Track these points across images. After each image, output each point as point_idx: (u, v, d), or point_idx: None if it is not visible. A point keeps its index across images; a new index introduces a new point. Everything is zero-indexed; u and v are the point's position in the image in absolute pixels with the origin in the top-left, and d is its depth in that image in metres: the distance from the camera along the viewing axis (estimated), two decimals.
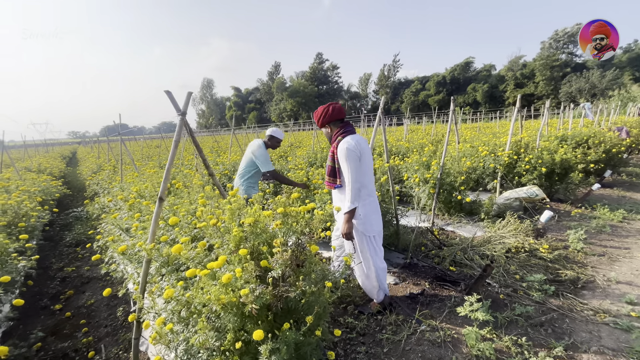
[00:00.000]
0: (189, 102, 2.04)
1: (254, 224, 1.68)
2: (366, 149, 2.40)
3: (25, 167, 8.13)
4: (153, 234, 1.95)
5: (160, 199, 1.97)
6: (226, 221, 1.73)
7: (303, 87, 60.00)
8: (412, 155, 6.01)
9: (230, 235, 1.63)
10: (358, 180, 2.30)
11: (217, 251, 1.64)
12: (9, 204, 3.42)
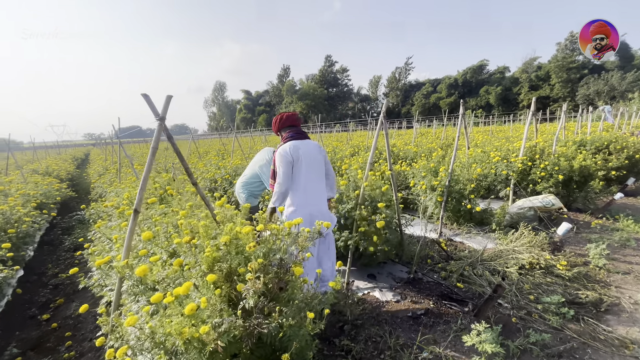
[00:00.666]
0: (168, 106, 1.88)
1: (230, 242, 1.50)
2: (306, 156, 2.44)
3: (33, 169, 8.22)
4: (127, 250, 1.80)
5: (135, 211, 1.81)
6: (201, 238, 1.56)
7: (313, 89, 60.06)
8: (420, 160, 5.76)
9: (203, 255, 1.45)
10: (284, 184, 2.40)
11: (188, 273, 1.47)
12: (1, 209, 3.35)
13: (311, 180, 2.47)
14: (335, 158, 6.93)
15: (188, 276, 1.45)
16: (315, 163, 2.50)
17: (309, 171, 2.46)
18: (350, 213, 3.02)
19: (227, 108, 75.41)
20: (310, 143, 2.53)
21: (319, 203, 2.51)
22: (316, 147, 2.56)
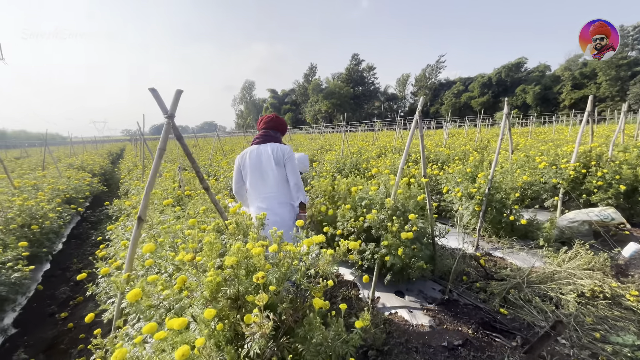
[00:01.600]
0: (177, 102, 1.68)
1: (238, 264, 1.25)
2: (252, 161, 2.54)
3: (69, 163, 8.60)
4: (130, 262, 1.62)
5: (139, 219, 1.63)
6: (204, 257, 1.33)
7: (338, 88, 59.59)
8: (453, 164, 5.29)
9: (205, 279, 1.22)
10: (234, 188, 2.68)
11: (187, 299, 1.24)
12: (26, 205, 3.38)
13: (255, 182, 2.58)
14: (360, 159, 6.59)
15: (188, 302, 1.23)
16: (260, 166, 2.55)
17: (253, 174, 2.57)
18: (383, 224, 2.71)
19: (254, 106, 76.81)
20: (263, 148, 2.58)
21: (267, 204, 2.55)
22: (267, 151, 2.56)
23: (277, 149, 2.55)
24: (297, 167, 2.61)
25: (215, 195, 2.99)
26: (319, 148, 10.71)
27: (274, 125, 2.67)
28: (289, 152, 2.56)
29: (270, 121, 2.67)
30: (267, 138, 2.62)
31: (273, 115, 2.72)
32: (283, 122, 2.74)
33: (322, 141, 12.65)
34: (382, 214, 2.69)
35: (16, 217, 3.02)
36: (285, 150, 2.56)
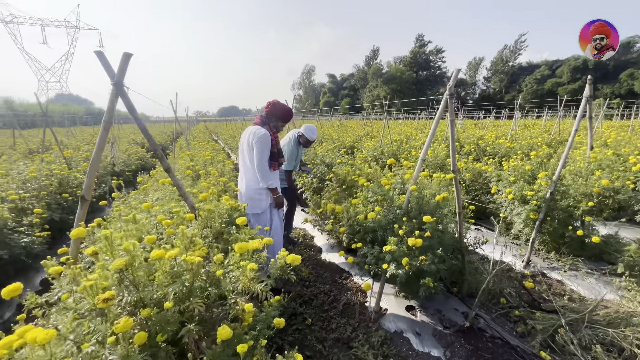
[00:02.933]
0: (126, 66, 1.45)
1: (129, 270, 0.98)
2: (241, 141, 2.83)
3: (132, 139, 9.51)
4: (75, 251, 1.47)
5: (82, 198, 1.47)
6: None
7: (400, 73, 56.32)
8: (512, 159, 4.38)
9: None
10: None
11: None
12: (62, 174, 3.66)
13: (239, 159, 2.88)
14: (401, 149, 5.94)
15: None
16: (242, 146, 2.79)
17: (239, 152, 2.85)
18: (390, 225, 2.25)
19: (312, 91, 77.29)
20: (249, 129, 2.76)
21: (241, 185, 2.85)
22: (246, 134, 2.75)
23: (253, 132, 2.66)
24: (261, 153, 2.61)
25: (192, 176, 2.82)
26: (364, 134, 10.12)
27: (270, 111, 2.76)
28: (257, 137, 2.60)
29: (268, 106, 2.77)
30: (258, 121, 2.77)
31: (274, 101, 2.81)
32: (282, 108, 2.78)
33: (369, 128, 11.95)
34: (391, 213, 2.22)
35: (49, 186, 3.28)
36: (256, 134, 2.62)
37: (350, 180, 3.14)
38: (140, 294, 0.97)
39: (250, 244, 1.12)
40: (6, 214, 2.39)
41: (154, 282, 1.00)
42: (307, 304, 2.77)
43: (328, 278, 3.22)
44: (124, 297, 0.97)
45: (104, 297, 0.77)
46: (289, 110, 2.79)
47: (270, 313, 1.29)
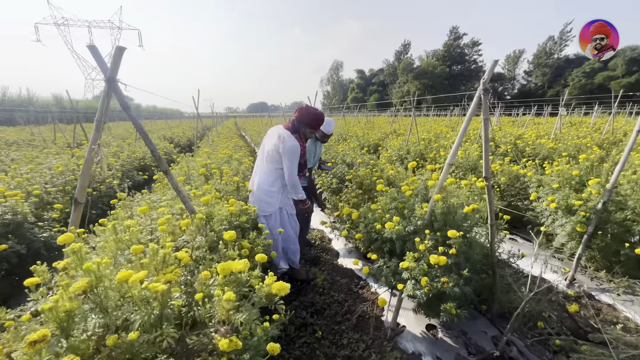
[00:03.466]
0: (119, 61, 1.35)
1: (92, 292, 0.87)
2: (265, 139, 2.79)
3: (163, 134, 9.85)
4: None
5: (75, 201, 1.40)
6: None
7: (432, 67, 54.12)
8: (557, 163, 3.90)
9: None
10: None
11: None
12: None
13: (259, 160, 2.81)
14: (429, 148, 5.57)
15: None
16: (265, 146, 2.75)
17: (261, 152, 2.79)
18: (409, 237, 2.02)
19: (340, 87, 76.64)
20: (279, 130, 2.66)
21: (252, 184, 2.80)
22: (273, 135, 2.68)
23: (282, 139, 2.57)
24: (292, 165, 2.58)
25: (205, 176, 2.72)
26: (391, 132, 9.74)
27: (299, 116, 2.67)
28: (287, 147, 2.53)
29: (298, 111, 2.70)
30: (289, 125, 2.68)
31: (304, 105, 2.73)
32: (312, 114, 2.67)
33: (397, 125, 11.49)
34: (412, 224, 1.99)
35: (73, 180, 3.38)
36: (286, 143, 2.54)
37: (368, 182, 2.92)
38: (105, 319, 0.86)
39: (235, 265, 0.97)
40: (26, 209, 2.46)
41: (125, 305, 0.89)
42: (319, 313, 2.61)
43: (344, 286, 3.04)
44: (90, 321, 0.86)
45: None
46: (319, 116, 2.67)
47: (262, 338, 1.14)
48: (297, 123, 2.67)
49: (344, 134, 9.09)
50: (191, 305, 0.96)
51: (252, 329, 0.95)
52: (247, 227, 2.19)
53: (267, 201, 2.66)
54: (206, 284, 1.01)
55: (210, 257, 1.25)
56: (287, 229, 2.81)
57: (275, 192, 2.68)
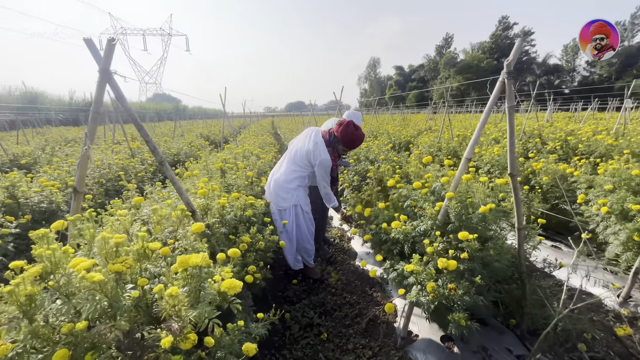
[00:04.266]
0: (112, 53, 1.37)
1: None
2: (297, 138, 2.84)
3: (200, 133, 10.37)
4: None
5: (75, 190, 1.45)
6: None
7: (477, 61, 50.83)
8: (612, 162, 3.38)
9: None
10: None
11: None
12: (121, 164, 4.04)
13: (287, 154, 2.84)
14: (463, 145, 5.17)
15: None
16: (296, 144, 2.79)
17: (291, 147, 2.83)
18: (419, 238, 1.84)
19: (378, 84, 75.08)
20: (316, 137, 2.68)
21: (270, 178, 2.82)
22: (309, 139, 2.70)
23: (318, 149, 2.59)
24: (325, 177, 2.65)
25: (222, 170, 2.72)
26: (426, 129, 9.26)
27: (339, 133, 2.64)
28: (320, 159, 2.57)
29: (340, 127, 2.65)
30: (326, 137, 2.69)
31: (347, 121, 2.64)
32: (351, 134, 2.61)
33: (432, 122, 10.89)
34: (423, 224, 1.81)
35: (107, 174, 3.64)
36: (320, 154, 2.57)
37: (387, 179, 2.75)
38: (66, 305, 0.85)
39: (193, 258, 0.92)
40: (59, 198, 2.67)
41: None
42: (328, 314, 2.51)
43: (357, 287, 2.90)
44: (50, 307, 0.86)
45: None
46: (357, 138, 2.64)
47: (236, 337, 1.08)
48: (334, 138, 2.68)
49: (375, 132, 8.83)
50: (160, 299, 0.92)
51: (210, 327, 0.88)
52: (254, 221, 2.16)
53: (283, 196, 2.66)
54: (173, 277, 0.97)
55: (190, 248, 1.22)
56: (301, 226, 2.75)
57: (291, 189, 2.68)
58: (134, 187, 2.20)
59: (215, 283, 0.95)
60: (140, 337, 0.84)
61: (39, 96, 26.91)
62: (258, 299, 2.01)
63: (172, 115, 32.97)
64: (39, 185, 2.72)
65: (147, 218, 1.50)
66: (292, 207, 2.69)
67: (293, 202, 2.69)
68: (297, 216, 2.72)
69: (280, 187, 2.69)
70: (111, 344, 0.80)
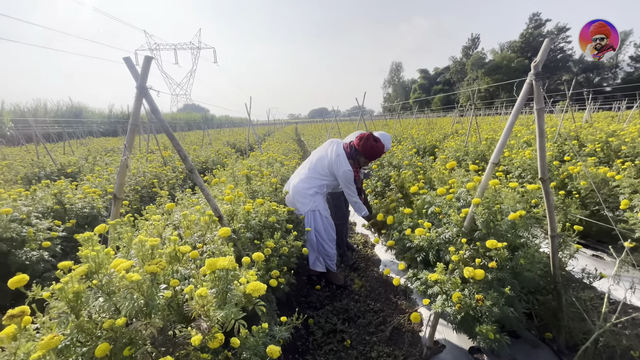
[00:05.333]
0: (147, 71, 1.48)
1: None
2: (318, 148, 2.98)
3: (227, 140, 10.76)
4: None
5: (114, 197, 1.57)
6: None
7: (507, 60, 48.84)
8: None
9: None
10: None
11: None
12: (155, 171, 4.28)
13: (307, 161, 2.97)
14: (492, 149, 4.97)
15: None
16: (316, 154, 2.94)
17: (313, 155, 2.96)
18: (443, 246, 1.80)
19: (402, 89, 74.06)
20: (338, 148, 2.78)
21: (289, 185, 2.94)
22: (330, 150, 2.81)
23: (338, 161, 2.70)
24: (350, 188, 2.76)
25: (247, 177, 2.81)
26: (452, 132, 9.01)
27: (359, 146, 2.74)
28: (342, 171, 2.68)
29: (360, 140, 2.74)
30: (347, 149, 2.78)
31: (367, 134, 2.75)
32: (371, 147, 2.72)
33: (459, 125, 10.56)
34: (448, 231, 1.77)
35: (142, 181, 3.88)
36: (342, 166, 2.68)
37: (409, 185, 2.71)
38: (107, 303, 0.93)
39: (220, 261, 0.97)
40: (100, 204, 2.89)
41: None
42: (352, 321, 2.50)
43: (382, 295, 2.86)
44: (94, 304, 0.94)
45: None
46: (377, 151, 2.75)
47: (260, 339, 1.11)
48: (354, 150, 2.77)
49: (399, 137, 8.71)
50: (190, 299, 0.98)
51: (235, 327, 0.92)
52: (277, 227, 2.22)
53: (301, 201, 2.76)
54: (202, 279, 1.03)
55: (218, 252, 1.29)
56: (320, 231, 2.78)
57: (309, 195, 2.77)
58: (166, 193, 2.34)
59: (241, 285, 0.99)
60: (172, 335, 0.90)
61: (82, 110, 29.20)
62: (282, 303, 2.05)
63: (201, 125, 34.44)
64: (82, 192, 2.95)
65: (178, 223, 1.60)
66: (310, 212, 2.77)
67: (311, 208, 2.76)
68: (315, 220, 2.77)
69: (299, 193, 2.79)
70: (146, 340, 0.86)
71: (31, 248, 2.07)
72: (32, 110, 24.30)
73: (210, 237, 1.42)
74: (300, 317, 1.39)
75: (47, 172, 5.33)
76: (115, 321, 0.85)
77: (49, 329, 0.93)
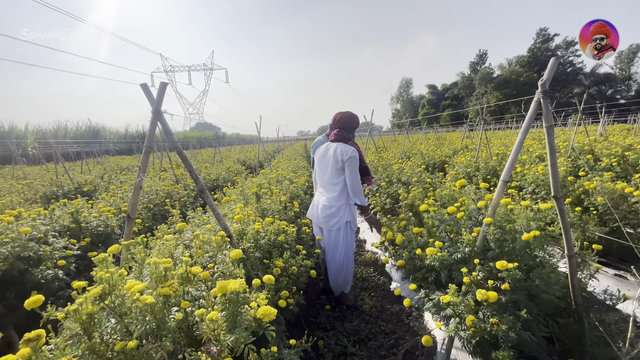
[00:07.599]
0: (163, 95, 1.55)
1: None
2: (319, 156, 2.84)
3: (237, 158, 10.95)
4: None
5: (128, 217, 1.61)
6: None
7: (516, 75, 48.82)
8: None
9: None
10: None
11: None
12: (167, 189, 4.37)
13: (318, 174, 2.91)
14: (503, 164, 4.91)
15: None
16: (323, 161, 2.79)
17: (318, 167, 2.86)
18: (455, 266, 1.76)
19: (410, 104, 74.49)
20: (332, 146, 2.73)
21: (318, 197, 2.85)
22: (328, 151, 2.76)
23: (340, 150, 2.64)
24: (355, 170, 2.64)
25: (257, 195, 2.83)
26: (462, 148, 8.95)
27: (345, 123, 2.75)
28: (349, 156, 2.60)
29: (341, 120, 2.77)
30: (339, 137, 2.73)
31: (344, 114, 2.79)
32: (350, 116, 2.80)
33: (469, 140, 10.49)
34: (460, 250, 1.73)
35: (155, 199, 3.96)
36: (347, 153, 2.60)
37: (418, 203, 2.68)
38: (119, 324, 0.94)
39: (231, 284, 0.97)
40: (113, 222, 2.95)
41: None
42: (363, 343, 2.43)
43: (393, 315, 2.79)
44: (106, 324, 0.96)
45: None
46: (353, 117, 2.81)
47: None
48: (344, 131, 2.76)
49: (408, 152, 8.70)
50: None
51: (245, 352, 0.92)
52: (286, 247, 2.21)
53: (333, 214, 2.69)
54: (212, 300, 1.04)
55: (228, 273, 1.29)
56: (350, 246, 2.78)
57: (342, 206, 2.70)
58: (178, 212, 2.38)
59: (252, 309, 0.99)
60: (182, 358, 0.90)
61: (100, 130, 30.34)
62: (291, 324, 2.01)
63: (212, 142, 35.20)
64: (97, 211, 3.03)
65: (189, 242, 1.62)
66: (344, 225, 2.72)
67: (346, 219, 2.71)
68: (346, 234, 2.74)
69: (334, 206, 2.68)
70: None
71: (47, 267, 2.12)
72: (53, 131, 25.37)
73: (221, 258, 1.43)
74: (310, 339, 1.36)
75: (65, 190, 5.50)
76: (127, 344, 0.86)
77: (62, 350, 0.94)
